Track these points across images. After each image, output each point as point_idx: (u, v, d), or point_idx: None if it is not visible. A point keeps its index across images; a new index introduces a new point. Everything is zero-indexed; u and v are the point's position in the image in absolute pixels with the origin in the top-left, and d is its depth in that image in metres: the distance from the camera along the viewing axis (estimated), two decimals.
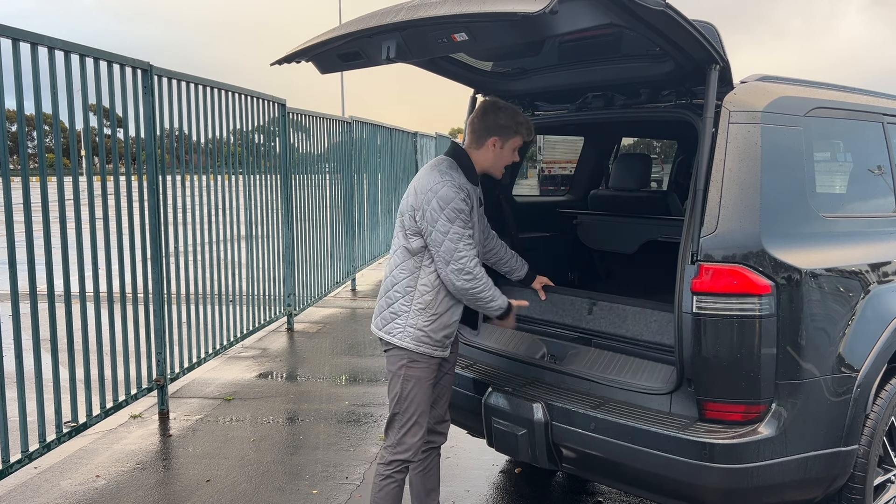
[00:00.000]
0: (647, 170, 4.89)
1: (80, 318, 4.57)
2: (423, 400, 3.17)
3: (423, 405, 3.18)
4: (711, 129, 2.93)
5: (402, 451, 3.15)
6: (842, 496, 3.07)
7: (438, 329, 3.13)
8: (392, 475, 3.16)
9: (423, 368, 3.14)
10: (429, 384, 3.18)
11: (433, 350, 3.15)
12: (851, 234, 3.28)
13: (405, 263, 3.14)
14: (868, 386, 3.02)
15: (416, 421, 3.16)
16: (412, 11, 2.63)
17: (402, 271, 3.14)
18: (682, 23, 2.66)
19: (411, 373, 3.14)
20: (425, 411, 3.19)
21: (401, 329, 3.13)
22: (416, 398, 3.15)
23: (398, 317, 3.14)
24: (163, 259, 5.43)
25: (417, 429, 3.16)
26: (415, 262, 3.11)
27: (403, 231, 3.14)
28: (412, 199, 3.10)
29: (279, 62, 3.28)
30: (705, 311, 2.80)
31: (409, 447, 3.16)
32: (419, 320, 3.11)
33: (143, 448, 4.82)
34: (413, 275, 3.12)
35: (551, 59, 3.53)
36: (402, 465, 3.17)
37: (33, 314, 4.22)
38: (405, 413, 3.15)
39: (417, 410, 3.16)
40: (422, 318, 3.11)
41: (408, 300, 3.13)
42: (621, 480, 3.10)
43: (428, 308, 3.10)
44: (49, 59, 4.21)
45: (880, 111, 3.69)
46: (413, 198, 3.10)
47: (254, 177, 7.27)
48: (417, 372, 3.14)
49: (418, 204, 3.06)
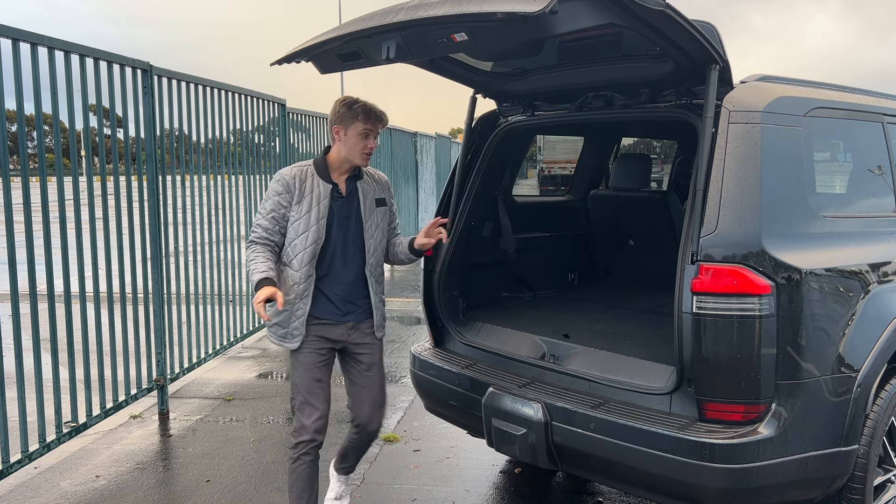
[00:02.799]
0: (647, 170, 4.89)
1: (80, 319, 4.57)
2: (307, 383, 3.29)
3: (311, 386, 3.29)
4: (711, 129, 2.93)
5: (302, 432, 3.28)
6: (842, 496, 3.07)
7: (273, 316, 3.30)
8: (299, 458, 3.28)
9: (302, 354, 3.31)
10: (314, 368, 3.30)
11: (272, 338, 3.35)
12: (851, 234, 3.28)
13: None
14: (868, 386, 3.02)
15: (307, 401, 3.28)
16: (412, 11, 2.63)
17: None
18: (682, 23, 2.66)
19: (294, 361, 3.35)
20: (315, 393, 3.29)
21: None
22: (301, 382, 3.31)
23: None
24: (163, 259, 5.43)
25: (311, 410, 3.28)
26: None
27: None
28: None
29: (279, 62, 3.28)
30: (705, 311, 2.80)
31: (306, 428, 3.27)
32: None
33: (143, 448, 4.82)
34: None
35: (551, 59, 3.53)
36: (306, 445, 3.27)
37: (33, 314, 4.22)
38: (297, 396, 3.31)
39: (305, 392, 3.29)
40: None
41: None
42: (621, 480, 3.10)
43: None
44: (49, 60, 4.20)
45: (880, 111, 3.69)
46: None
47: (254, 177, 7.27)
48: (298, 358, 3.32)
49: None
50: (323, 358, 3.36)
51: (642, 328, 3.90)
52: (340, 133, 3.31)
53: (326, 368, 3.38)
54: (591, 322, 4.05)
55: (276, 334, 3.35)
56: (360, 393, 3.47)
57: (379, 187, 3.47)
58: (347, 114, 3.28)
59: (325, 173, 3.33)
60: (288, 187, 3.26)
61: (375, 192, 3.44)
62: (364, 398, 3.47)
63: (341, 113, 3.30)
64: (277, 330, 3.34)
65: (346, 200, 3.36)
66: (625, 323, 4.06)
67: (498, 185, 4.36)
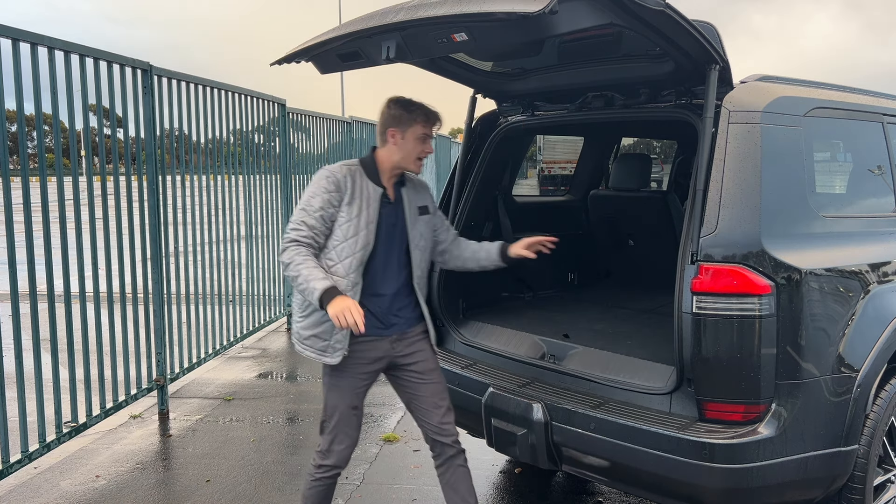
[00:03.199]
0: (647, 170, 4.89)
1: (80, 319, 4.57)
2: (344, 411, 3.08)
3: (347, 416, 3.09)
4: (711, 129, 2.93)
5: (329, 457, 3.12)
6: (842, 496, 3.07)
7: (309, 326, 3.03)
8: (321, 479, 3.14)
9: (341, 378, 3.07)
10: (354, 394, 3.09)
11: (307, 350, 3.05)
12: (851, 233, 3.28)
13: None
14: (868, 386, 3.02)
15: (342, 430, 3.09)
16: (412, 11, 2.63)
17: None
18: (682, 23, 2.66)
19: (330, 381, 3.11)
20: (351, 423, 3.10)
21: (293, 334, 3.15)
22: (339, 408, 3.09)
23: (293, 321, 3.16)
24: (163, 259, 5.43)
25: (344, 437, 3.10)
26: None
27: None
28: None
29: (279, 62, 3.28)
30: (705, 311, 2.80)
31: (334, 454, 3.11)
32: (296, 318, 3.11)
33: (143, 448, 4.82)
34: None
35: (551, 59, 3.53)
36: (329, 469, 3.13)
37: (33, 314, 4.22)
38: (330, 421, 3.12)
39: (341, 420, 3.09)
40: (297, 315, 3.10)
41: (294, 301, 3.15)
42: (621, 480, 3.09)
43: (301, 303, 3.07)
44: (49, 60, 4.20)
45: (880, 111, 3.69)
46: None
47: (254, 177, 7.27)
48: (336, 381, 3.09)
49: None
50: (363, 384, 3.12)
51: (642, 328, 3.90)
52: (397, 136, 3.06)
53: (364, 394, 3.15)
54: (591, 322, 4.05)
55: (313, 347, 3.04)
56: (422, 403, 3.18)
57: (419, 195, 3.22)
58: (406, 116, 3.05)
59: (375, 175, 3.08)
60: (339, 185, 2.99)
61: (418, 199, 3.20)
62: (427, 406, 3.17)
63: (397, 115, 3.06)
64: (316, 342, 3.03)
65: (393, 207, 3.11)
66: (625, 323, 4.06)
67: (498, 185, 4.36)
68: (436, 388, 3.20)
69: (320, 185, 2.99)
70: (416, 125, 3.05)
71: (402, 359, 3.15)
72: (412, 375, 3.18)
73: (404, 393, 3.24)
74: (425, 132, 3.07)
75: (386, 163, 3.10)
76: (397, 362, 3.16)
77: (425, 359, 3.19)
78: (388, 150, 3.09)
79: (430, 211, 3.24)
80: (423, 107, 3.09)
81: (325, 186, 2.98)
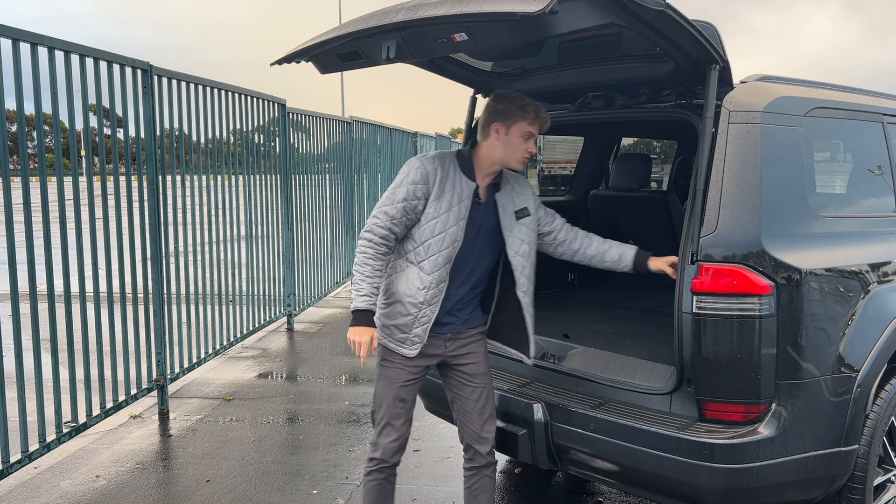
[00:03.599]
0: (647, 170, 4.88)
1: (80, 319, 4.57)
2: (392, 402, 3.03)
3: (394, 407, 3.04)
4: (711, 129, 2.92)
5: (377, 450, 3.07)
6: (842, 496, 3.07)
7: (390, 316, 2.99)
8: (371, 473, 3.09)
9: (391, 368, 3.04)
10: (400, 386, 3.03)
11: (385, 339, 3.01)
12: (851, 233, 3.28)
13: None
14: (868, 386, 3.02)
15: (388, 422, 3.04)
16: (412, 11, 2.63)
17: None
18: (682, 23, 2.66)
19: (381, 370, 3.08)
20: (397, 414, 3.04)
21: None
22: (386, 399, 3.04)
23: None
24: (163, 259, 5.43)
25: (390, 430, 3.04)
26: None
27: None
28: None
29: (279, 62, 3.27)
30: (705, 311, 2.80)
31: (381, 447, 3.06)
32: (379, 304, 3.04)
33: (143, 448, 4.82)
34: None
35: (551, 59, 3.53)
36: (378, 464, 3.07)
37: (33, 314, 4.22)
38: (378, 412, 3.08)
39: (387, 412, 3.04)
40: (380, 301, 3.04)
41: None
42: (621, 480, 3.09)
43: (385, 291, 3.02)
44: (49, 60, 4.20)
45: (880, 111, 3.69)
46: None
47: (254, 177, 7.27)
48: (387, 371, 3.05)
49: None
50: (412, 377, 3.05)
51: (642, 328, 3.90)
52: (500, 131, 2.96)
53: (413, 388, 3.08)
54: (591, 322, 4.05)
55: (392, 337, 3.00)
56: (466, 405, 3.14)
57: (518, 197, 3.12)
58: (514, 111, 2.96)
59: (469, 170, 2.98)
60: (426, 178, 2.89)
61: (516, 202, 3.10)
62: (470, 410, 3.13)
63: (504, 109, 2.97)
64: (395, 333, 3.00)
65: (483, 209, 3.01)
66: (625, 323, 4.06)
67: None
68: (482, 392, 3.15)
69: (408, 177, 2.91)
70: (522, 122, 2.97)
71: (453, 358, 3.12)
72: (461, 376, 3.14)
73: (450, 391, 3.20)
74: (531, 130, 2.99)
75: (486, 158, 3.01)
76: (449, 361, 3.13)
77: (476, 362, 3.15)
78: (490, 144, 3.00)
79: (531, 211, 3.14)
80: (533, 104, 3.00)
81: (412, 178, 2.90)
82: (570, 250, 3.30)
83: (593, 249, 3.29)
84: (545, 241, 3.29)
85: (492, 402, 3.19)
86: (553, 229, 3.28)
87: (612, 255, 3.27)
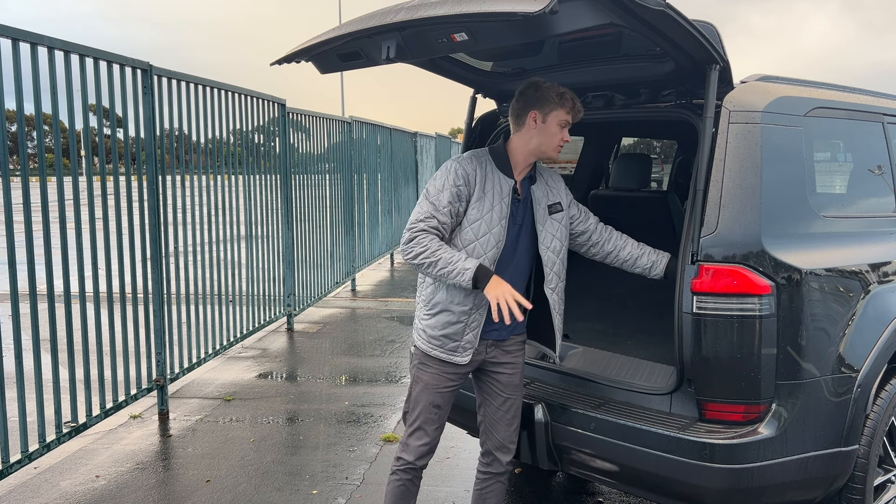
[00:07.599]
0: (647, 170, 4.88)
1: (79, 319, 4.57)
2: (426, 406, 3.00)
3: (428, 412, 3.01)
4: (711, 129, 2.92)
5: (406, 451, 3.06)
6: (842, 496, 3.07)
7: (437, 326, 2.96)
8: (396, 472, 3.06)
9: (429, 373, 3.00)
10: (437, 392, 2.99)
11: (436, 350, 2.97)
12: (852, 234, 3.28)
13: None
14: (868, 386, 3.02)
15: (420, 426, 3.02)
16: (412, 11, 2.63)
17: None
18: (682, 23, 2.66)
19: (419, 375, 3.04)
20: (430, 420, 3.01)
21: (415, 327, 3.10)
22: (420, 403, 3.02)
23: (416, 315, 3.10)
24: (163, 259, 5.43)
25: (421, 434, 3.02)
26: None
27: None
28: None
29: (279, 62, 3.28)
30: (705, 311, 2.80)
31: (411, 449, 3.03)
32: (421, 314, 3.05)
33: (143, 448, 4.82)
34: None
35: (551, 59, 3.53)
36: (405, 465, 3.04)
37: (33, 314, 4.22)
38: (411, 414, 3.06)
39: (420, 416, 3.02)
40: (423, 312, 3.04)
41: (419, 295, 3.09)
42: (621, 481, 3.09)
43: (428, 301, 3.02)
44: (49, 60, 4.20)
45: (880, 111, 3.69)
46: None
47: (254, 177, 7.27)
48: (424, 375, 3.02)
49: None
50: (451, 384, 3.01)
51: (642, 328, 3.89)
52: (537, 119, 2.91)
53: (450, 395, 3.04)
54: (591, 322, 4.04)
55: (444, 347, 2.95)
56: (494, 413, 3.10)
57: (552, 191, 3.06)
58: (551, 98, 2.90)
59: (506, 166, 2.94)
60: (468, 180, 2.86)
61: (550, 196, 3.04)
62: (497, 419, 3.10)
63: (541, 97, 2.91)
64: (446, 343, 2.95)
65: (522, 204, 2.96)
66: (625, 323, 4.05)
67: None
68: (512, 404, 3.11)
69: (448, 179, 2.86)
70: (560, 110, 2.92)
71: (491, 365, 3.08)
72: (494, 385, 3.10)
73: (480, 394, 3.16)
74: (567, 119, 2.95)
75: (520, 151, 2.96)
76: (485, 367, 3.09)
77: (513, 373, 3.09)
78: (526, 134, 2.95)
79: (564, 207, 3.08)
80: (570, 92, 2.96)
81: (453, 180, 2.86)
82: (602, 252, 3.25)
83: (626, 253, 3.23)
84: (579, 241, 3.24)
85: (520, 414, 3.13)
86: (587, 229, 3.22)
87: (643, 262, 3.21)
